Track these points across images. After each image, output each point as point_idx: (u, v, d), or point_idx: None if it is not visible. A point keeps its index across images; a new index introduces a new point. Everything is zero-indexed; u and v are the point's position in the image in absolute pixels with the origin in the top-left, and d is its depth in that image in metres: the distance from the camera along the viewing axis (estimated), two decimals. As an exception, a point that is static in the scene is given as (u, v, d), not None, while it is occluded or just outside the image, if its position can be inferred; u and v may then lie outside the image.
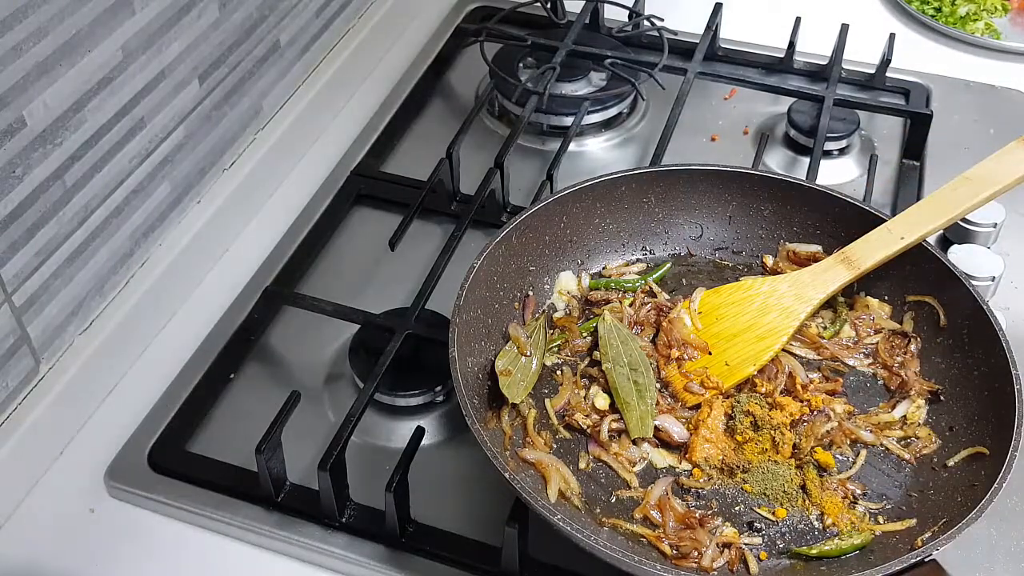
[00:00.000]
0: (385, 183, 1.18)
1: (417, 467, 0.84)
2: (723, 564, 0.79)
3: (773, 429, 0.86)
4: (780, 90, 1.25)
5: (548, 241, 0.98)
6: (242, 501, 0.88)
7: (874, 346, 0.94)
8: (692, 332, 0.93)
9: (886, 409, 0.90)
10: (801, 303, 0.93)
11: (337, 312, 1.00)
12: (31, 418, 0.89)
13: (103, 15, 0.89)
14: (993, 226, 1.07)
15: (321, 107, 1.25)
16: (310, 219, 1.13)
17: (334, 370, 1.00)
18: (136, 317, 1.00)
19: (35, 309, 0.89)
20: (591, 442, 0.88)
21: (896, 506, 0.84)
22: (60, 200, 0.89)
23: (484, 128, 1.26)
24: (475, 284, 0.89)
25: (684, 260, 1.02)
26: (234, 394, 0.98)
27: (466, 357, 0.86)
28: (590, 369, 0.93)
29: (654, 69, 1.23)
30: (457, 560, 0.84)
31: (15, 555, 0.86)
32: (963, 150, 1.19)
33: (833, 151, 1.20)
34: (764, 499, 0.84)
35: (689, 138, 1.22)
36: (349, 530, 0.86)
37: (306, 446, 0.91)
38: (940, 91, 1.28)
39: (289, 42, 1.18)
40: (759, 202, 1.01)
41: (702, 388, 0.90)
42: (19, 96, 0.82)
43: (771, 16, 1.39)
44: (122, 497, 0.90)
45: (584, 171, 1.16)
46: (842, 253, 0.94)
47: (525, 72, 1.29)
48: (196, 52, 1.02)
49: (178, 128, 1.02)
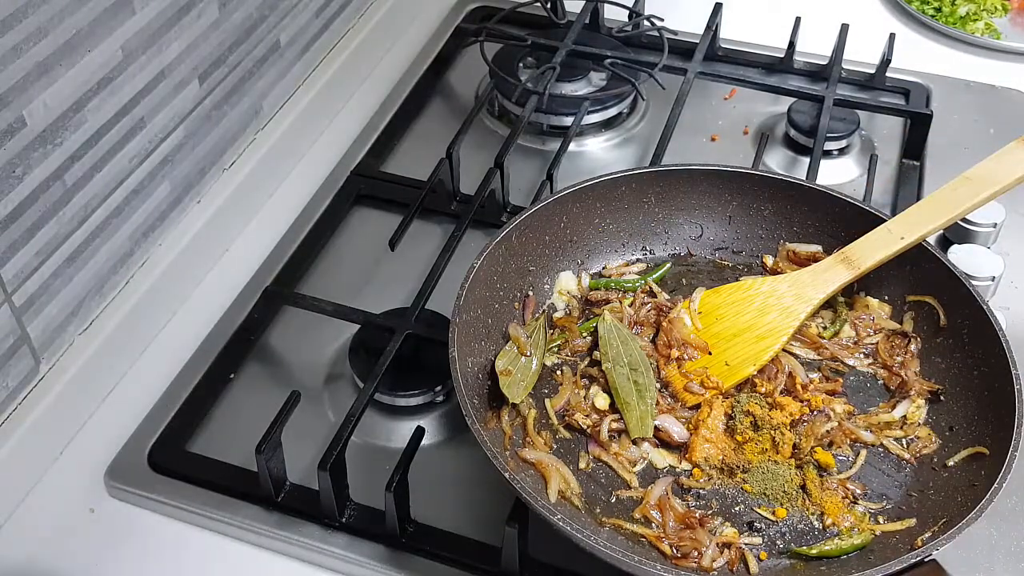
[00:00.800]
0: (385, 183, 1.18)
1: (417, 467, 0.84)
2: (723, 564, 0.79)
3: (773, 429, 0.86)
4: (780, 90, 1.25)
5: (548, 241, 0.98)
6: (242, 501, 0.88)
7: (874, 346, 0.94)
8: (692, 332, 0.93)
9: (886, 409, 0.90)
10: (801, 303, 0.93)
11: (337, 312, 1.00)
12: (31, 418, 0.89)
13: (103, 15, 0.89)
14: (993, 226, 1.07)
15: (321, 107, 1.25)
16: (310, 219, 1.13)
17: (334, 370, 1.00)
18: (136, 317, 1.00)
19: (35, 309, 0.89)
20: (591, 442, 0.88)
21: (896, 506, 0.84)
22: (60, 200, 0.89)
23: (484, 128, 1.26)
24: (475, 284, 0.89)
25: (684, 260, 1.02)
26: (234, 394, 0.98)
27: (466, 357, 0.86)
28: (590, 369, 0.93)
29: (654, 69, 1.23)
30: (457, 560, 0.84)
31: (15, 555, 0.86)
32: (963, 150, 1.19)
33: (833, 151, 1.20)
34: (764, 499, 0.84)
35: (689, 138, 1.22)
36: (349, 530, 0.86)
37: (306, 446, 0.91)
38: (940, 91, 1.28)
39: (289, 42, 1.18)
40: (759, 202, 1.01)
41: (702, 388, 0.90)
42: (19, 96, 0.82)
43: (771, 16, 1.39)
44: (122, 497, 0.90)
45: (584, 171, 1.16)
46: (842, 253, 0.94)
47: (525, 72, 1.29)
48: (196, 52, 1.02)
49: (178, 128, 1.02)
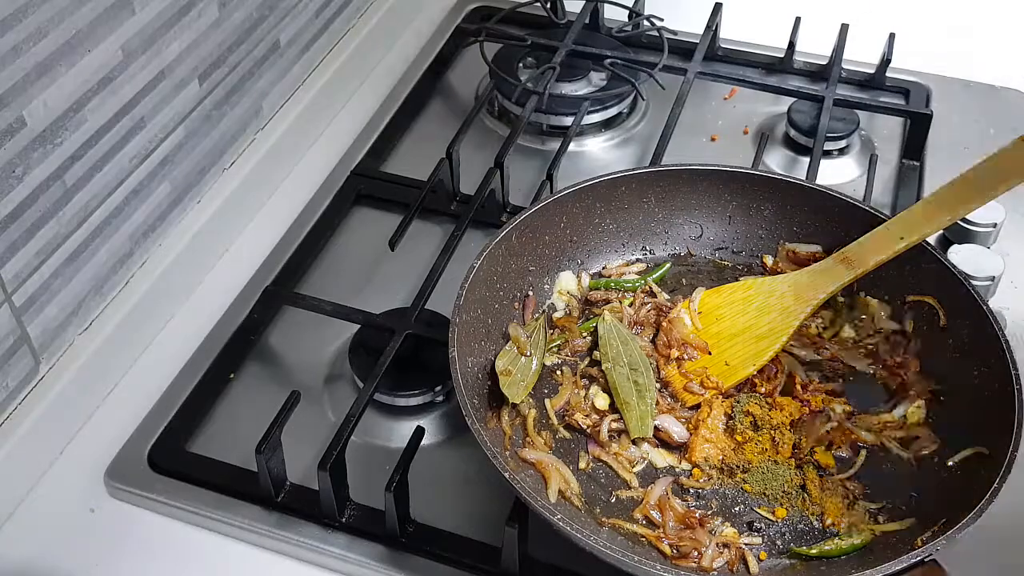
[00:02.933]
0: (385, 183, 1.18)
1: (417, 467, 0.84)
2: (723, 564, 0.79)
3: (773, 429, 0.86)
4: (780, 90, 1.25)
5: (548, 241, 0.98)
6: (242, 501, 0.88)
7: (874, 346, 0.94)
8: (692, 332, 0.93)
9: (886, 409, 0.90)
10: (801, 303, 0.93)
11: (337, 312, 1.00)
12: (31, 418, 0.89)
13: (103, 15, 0.89)
14: (993, 226, 1.06)
15: (321, 107, 1.25)
16: (310, 219, 1.13)
17: (334, 370, 0.99)
18: (136, 317, 1.00)
19: (35, 309, 0.89)
20: (591, 442, 0.88)
21: (896, 506, 0.83)
22: (60, 200, 0.89)
23: (484, 128, 1.26)
24: (475, 284, 0.89)
25: (684, 260, 1.02)
26: (234, 394, 0.98)
27: (466, 357, 0.86)
28: (590, 369, 0.93)
29: (654, 69, 1.23)
30: (457, 560, 0.84)
31: (15, 555, 0.86)
32: (963, 150, 1.19)
33: (833, 151, 1.20)
34: (764, 499, 0.84)
35: (689, 138, 1.22)
36: (349, 530, 0.86)
37: (306, 446, 0.91)
38: (940, 91, 1.28)
39: (289, 42, 1.18)
40: (759, 202, 1.01)
41: (702, 388, 0.90)
42: (19, 96, 0.82)
43: (771, 16, 1.39)
44: (122, 497, 0.90)
45: (584, 171, 1.15)
46: (842, 253, 0.94)
47: (525, 72, 1.29)
48: (196, 52, 1.02)
49: (178, 128, 1.02)
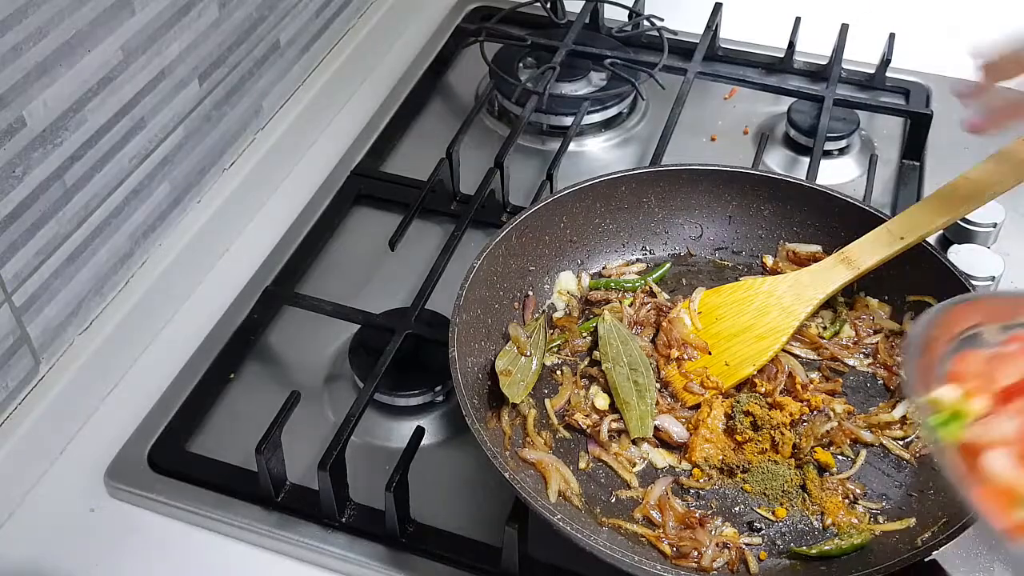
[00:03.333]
0: (385, 183, 1.18)
1: (417, 467, 0.84)
2: (723, 564, 0.79)
3: (773, 429, 0.86)
4: (780, 90, 1.25)
5: (548, 241, 0.98)
6: (242, 501, 0.88)
7: (874, 346, 0.94)
8: (692, 332, 0.93)
9: (886, 409, 0.90)
10: (801, 303, 0.93)
11: (337, 312, 1.00)
12: (31, 418, 0.89)
13: (103, 15, 0.89)
14: (993, 226, 1.06)
15: (321, 107, 1.25)
16: (310, 219, 1.13)
17: (334, 370, 0.99)
18: (136, 317, 1.00)
19: (35, 309, 0.89)
20: (591, 442, 0.88)
21: (896, 506, 0.83)
22: (60, 200, 0.89)
23: (484, 128, 1.26)
24: (475, 284, 0.89)
25: (684, 260, 1.02)
26: (234, 394, 0.98)
27: (466, 357, 0.86)
28: (590, 369, 0.93)
29: (654, 69, 1.23)
30: (457, 560, 0.84)
31: (15, 555, 0.86)
32: (963, 150, 1.19)
33: (833, 151, 1.20)
34: (764, 499, 0.84)
35: (689, 138, 1.22)
36: (349, 530, 0.86)
37: (306, 446, 0.91)
38: (940, 91, 1.28)
39: (289, 42, 1.18)
40: (759, 202, 1.01)
41: (702, 388, 0.90)
42: (19, 96, 0.82)
43: (771, 16, 1.39)
44: (122, 497, 0.90)
45: (584, 171, 1.15)
46: (842, 253, 0.94)
47: (525, 72, 1.29)
48: (196, 52, 1.02)
49: (178, 128, 1.02)
